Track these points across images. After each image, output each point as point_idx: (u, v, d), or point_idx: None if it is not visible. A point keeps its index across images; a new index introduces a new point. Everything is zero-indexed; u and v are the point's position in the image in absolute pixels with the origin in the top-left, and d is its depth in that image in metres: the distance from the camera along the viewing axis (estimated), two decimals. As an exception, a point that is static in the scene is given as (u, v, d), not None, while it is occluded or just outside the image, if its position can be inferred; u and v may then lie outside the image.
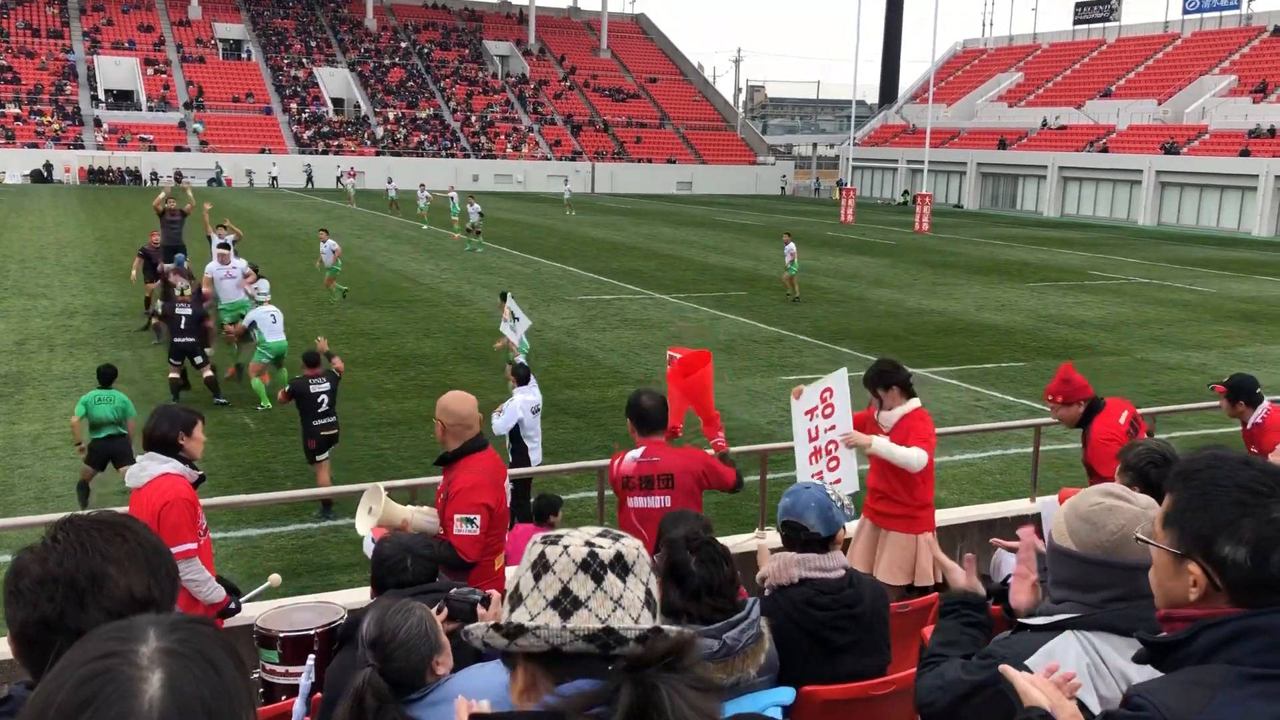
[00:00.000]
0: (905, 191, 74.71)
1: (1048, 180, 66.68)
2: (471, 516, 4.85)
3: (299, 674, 4.20)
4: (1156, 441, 6.06)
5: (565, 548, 1.70)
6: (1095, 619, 2.36)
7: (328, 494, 10.08)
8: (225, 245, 17.69)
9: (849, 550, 6.94)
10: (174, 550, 4.43)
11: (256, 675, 4.69)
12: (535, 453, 10.77)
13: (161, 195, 21.30)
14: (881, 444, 6.55)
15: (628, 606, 1.67)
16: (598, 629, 1.63)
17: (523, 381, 10.87)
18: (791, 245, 26.37)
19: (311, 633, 4.54)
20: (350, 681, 2.29)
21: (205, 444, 5.39)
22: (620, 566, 1.69)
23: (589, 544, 1.70)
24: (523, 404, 10.64)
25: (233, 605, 5.41)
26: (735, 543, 7.77)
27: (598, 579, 1.67)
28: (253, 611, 5.13)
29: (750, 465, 12.21)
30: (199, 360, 14.88)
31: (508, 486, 5.27)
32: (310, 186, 68.93)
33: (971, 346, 20.91)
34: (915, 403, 6.62)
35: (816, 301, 26.30)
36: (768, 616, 3.46)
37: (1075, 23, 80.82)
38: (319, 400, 11.19)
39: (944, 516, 8.36)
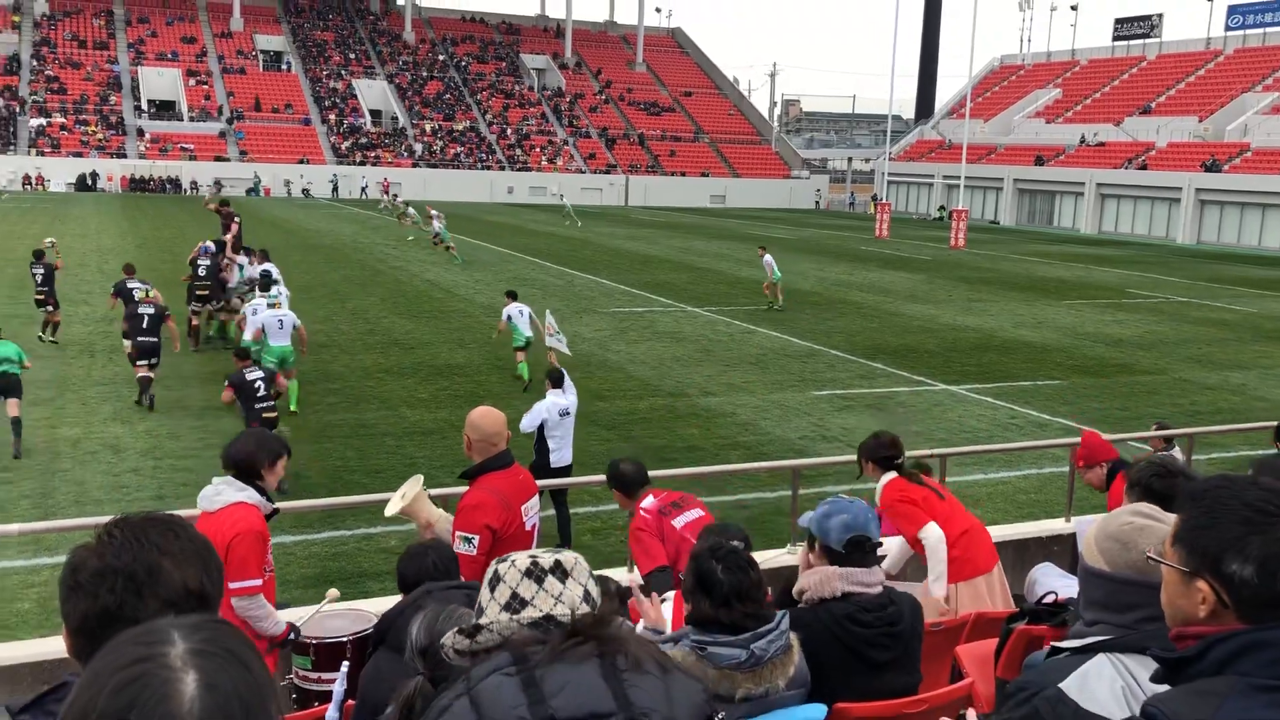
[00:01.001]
0: (941, 207, 74.32)
1: (1085, 197, 66.13)
2: (470, 536, 4.76)
3: (332, 680, 4.24)
4: (1160, 455, 6.00)
5: (513, 562, 2.06)
6: (1128, 640, 2.35)
7: (359, 501, 10.13)
8: (268, 274, 17.76)
9: None
10: (237, 586, 4.40)
11: (289, 680, 4.74)
12: (558, 453, 10.73)
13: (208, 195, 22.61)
14: (937, 591, 5.75)
15: (567, 602, 2.00)
16: (539, 617, 1.97)
17: (556, 384, 11.00)
18: (768, 257, 26.90)
19: (344, 640, 4.58)
20: (400, 689, 2.35)
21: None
22: (560, 571, 2.04)
23: (531, 556, 2.07)
24: (550, 405, 10.74)
25: (292, 635, 4.96)
26: (764, 558, 7.73)
27: (539, 581, 2.02)
28: (287, 618, 5.16)
29: (780, 481, 12.19)
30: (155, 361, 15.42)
31: (532, 506, 5.10)
32: (336, 196, 69.56)
33: (1007, 364, 20.75)
34: (887, 477, 5.94)
35: (850, 316, 26.21)
36: (804, 629, 3.45)
37: (1115, 39, 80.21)
38: (255, 386, 11.94)
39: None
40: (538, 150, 79.32)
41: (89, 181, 64.82)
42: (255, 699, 1.17)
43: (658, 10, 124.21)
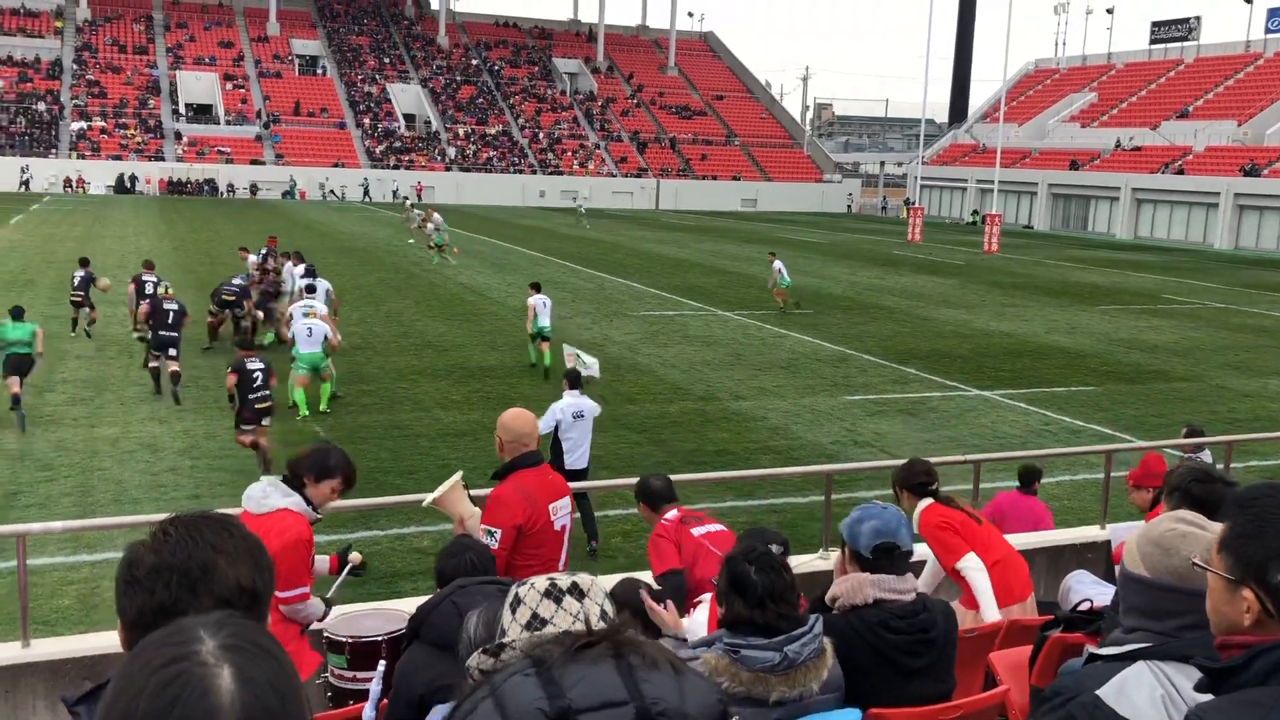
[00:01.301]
0: (974, 211, 73.84)
1: (1121, 202, 65.48)
2: (493, 530, 4.83)
3: (366, 679, 4.28)
4: (1198, 462, 5.93)
5: (531, 584, 2.19)
6: (1168, 648, 2.33)
7: (392, 502, 10.21)
8: (312, 284, 18.02)
9: None
10: (288, 595, 4.38)
11: (325, 679, 4.78)
12: (571, 455, 10.70)
13: None
14: (991, 618, 5.59)
15: (584, 620, 2.10)
16: (559, 632, 2.05)
17: (573, 385, 11.06)
18: (778, 263, 27.18)
19: (379, 639, 4.62)
20: (460, 687, 2.46)
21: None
22: (577, 591, 2.16)
23: (550, 578, 2.19)
24: (565, 406, 10.79)
25: (324, 615, 5.03)
26: (796, 563, 7.70)
27: (558, 601, 2.15)
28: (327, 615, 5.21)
29: (812, 485, 12.16)
30: (173, 352, 15.97)
31: (561, 506, 5.13)
32: (368, 200, 70.05)
33: (1040, 369, 20.59)
34: (924, 503, 5.82)
35: (882, 320, 26.10)
36: (837, 636, 3.45)
37: (1152, 42, 79.41)
38: (254, 376, 12.40)
39: (1010, 542, 8.23)
40: (569, 154, 79.55)
41: (127, 184, 65.67)
42: (288, 687, 1.22)
43: (690, 14, 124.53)
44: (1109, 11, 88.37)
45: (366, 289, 27.85)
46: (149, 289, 18.34)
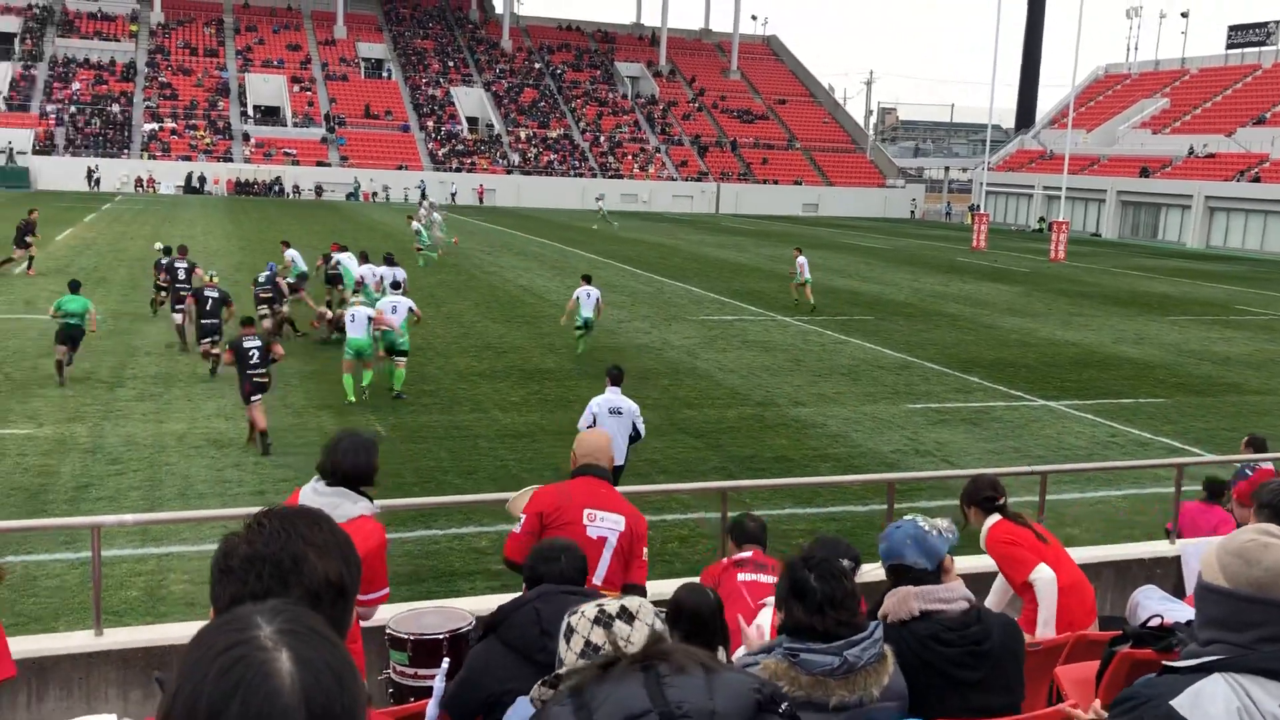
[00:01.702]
0: (1041, 218, 72.73)
1: (1193, 210, 64.07)
2: (519, 517, 5.18)
3: (428, 676, 4.32)
4: None
5: (582, 613, 2.28)
6: (1246, 660, 2.27)
7: (451, 502, 10.30)
8: (396, 281, 18.70)
9: None
10: (372, 597, 4.38)
11: (386, 675, 4.83)
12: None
13: None
14: (1045, 634, 5.50)
15: (636, 643, 2.16)
16: (611, 656, 2.08)
17: (614, 382, 11.22)
18: (802, 259, 27.84)
19: (440, 637, 4.65)
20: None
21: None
22: (625, 615, 2.24)
23: (598, 605, 2.29)
24: (602, 402, 10.96)
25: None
26: (858, 573, 7.63)
27: (608, 627, 2.23)
28: (385, 613, 5.27)
29: (872, 494, 12.05)
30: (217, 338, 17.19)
31: (600, 516, 5.11)
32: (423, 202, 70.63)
33: (1107, 380, 20.21)
34: (991, 520, 5.74)
35: (944, 328, 25.79)
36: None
37: (1228, 47, 77.64)
38: (250, 353, 13.30)
39: (1076, 555, 8.08)
40: (630, 158, 79.73)
41: (196, 184, 67.07)
42: (345, 669, 1.26)
43: (753, 18, 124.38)
44: (1183, 15, 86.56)
45: (427, 290, 28.13)
46: (181, 274, 19.93)
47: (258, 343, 13.54)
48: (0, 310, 22.32)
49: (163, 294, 21.23)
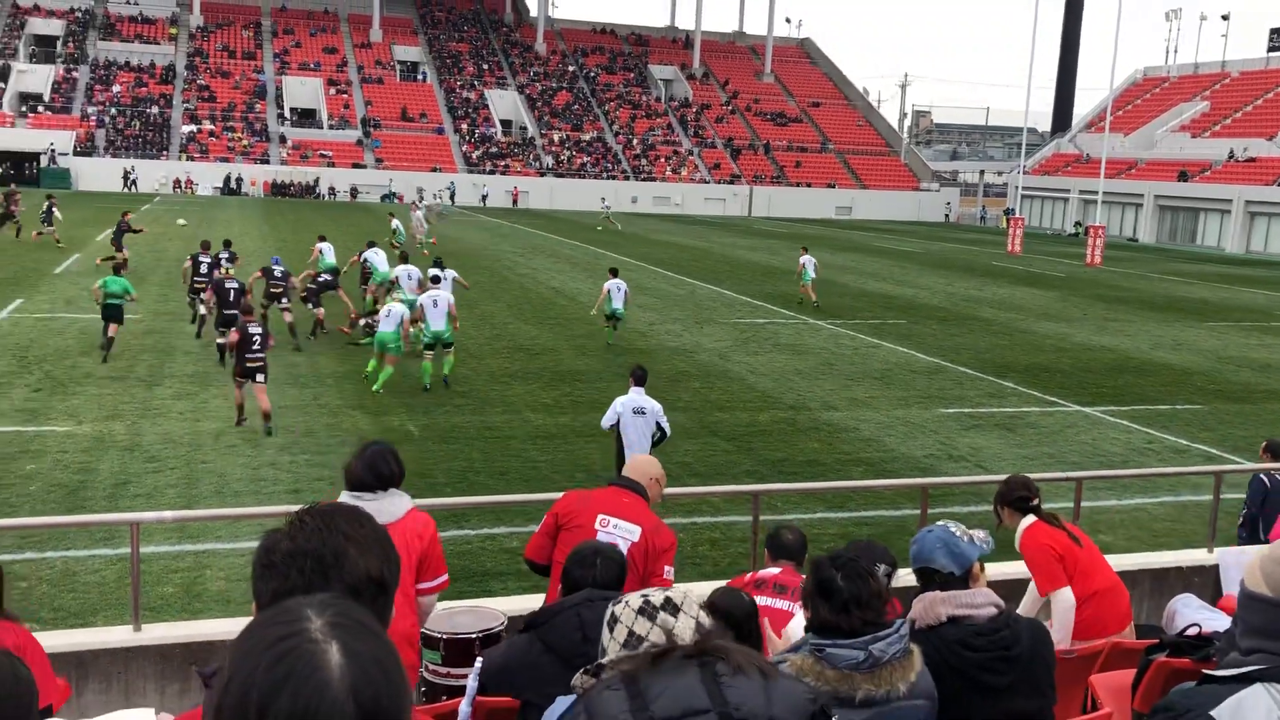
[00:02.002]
0: (1077, 223, 72.06)
1: (1232, 215, 63.25)
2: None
3: (460, 675, 4.35)
4: None
5: (626, 603, 2.25)
6: (1289, 669, 2.25)
7: (484, 502, 10.34)
8: (438, 276, 19.61)
9: None
10: (433, 584, 4.45)
11: (419, 674, 4.87)
12: (629, 452, 10.74)
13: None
14: (1060, 630, 5.51)
15: (680, 634, 2.13)
16: (655, 647, 2.09)
17: (638, 383, 11.24)
18: (806, 258, 28.64)
19: (473, 637, 4.68)
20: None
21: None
22: (670, 606, 2.20)
23: (643, 595, 2.25)
24: (626, 402, 11.01)
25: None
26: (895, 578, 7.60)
27: (652, 618, 2.18)
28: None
29: (905, 499, 11.99)
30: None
31: (615, 523, 5.10)
32: (453, 205, 71.02)
33: (1144, 386, 19.99)
34: (1026, 522, 5.74)
35: (978, 332, 25.62)
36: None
37: (1270, 49, 76.60)
38: (253, 337, 14.30)
39: (1112, 563, 8.01)
40: (662, 160, 79.75)
41: (234, 186, 67.78)
42: (390, 662, 1.29)
43: (787, 21, 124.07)
44: (1224, 18, 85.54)
45: (460, 292, 28.24)
46: (203, 268, 21.12)
47: (260, 330, 14.59)
48: (42, 310, 22.65)
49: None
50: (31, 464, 12.31)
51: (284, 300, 20.40)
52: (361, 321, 20.60)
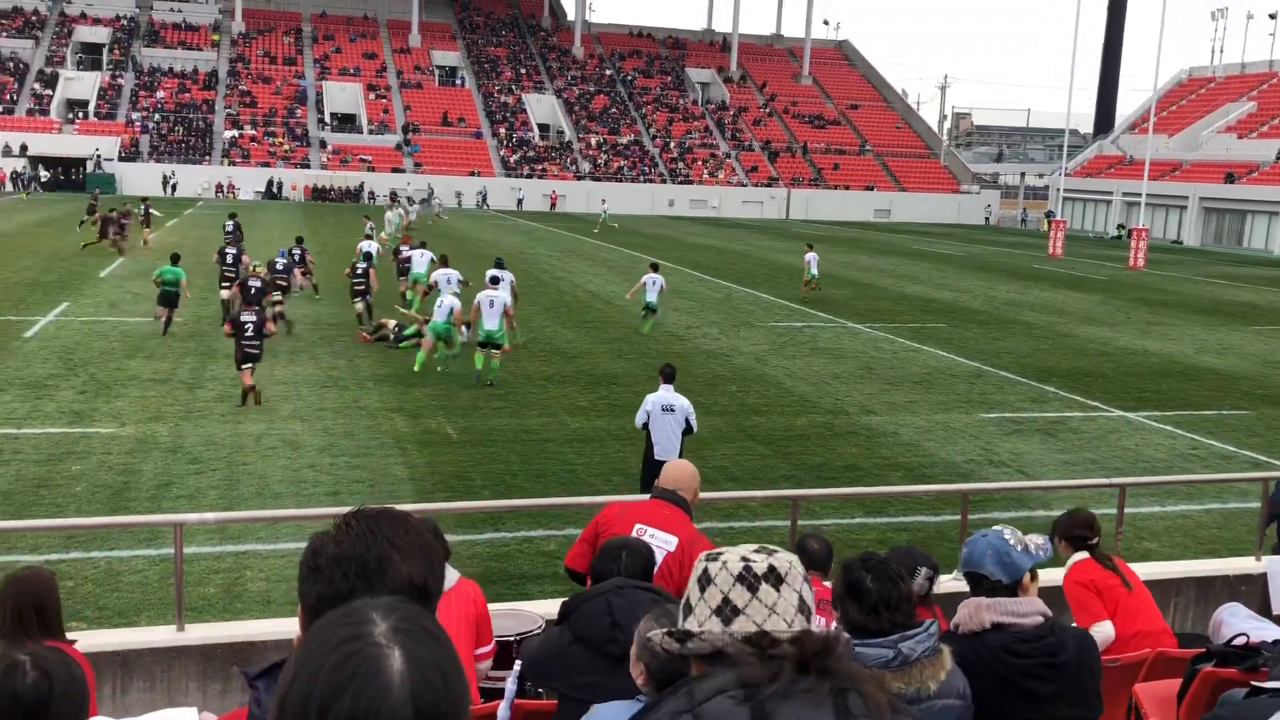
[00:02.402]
0: (1120, 225, 71.19)
1: (1280, 216, 62.24)
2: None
3: (499, 677, 4.36)
4: None
5: (724, 563, 1.95)
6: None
7: (521, 505, 10.37)
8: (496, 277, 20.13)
9: None
10: (485, 650, 4.41)
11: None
12: (658, 448, 11.05)
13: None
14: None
15: (782, 612, 1.89)
16: (753, 632, 1.85)
17: (667, 380, 11.40)
18: (810, 255, 30.80)
19: (511, 639, 4.69)
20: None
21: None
22: (774, 578, 1.92)
23: (744, 559, 1.95)
24: (655, 400, 11.17)
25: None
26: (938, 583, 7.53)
27: (753, 589, 1.90)
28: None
29: (945, 505, 11.88)
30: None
31: (652, 533, 5.09)
32: (485, 208, 71.36)
33: (1189, 391, 19.70)
34: (1077, 557, 5.72)
35: (1020, 336, 25.36)
36: (960, 661, 3.40)
37: (1317, 49, 75.32)
38: (246, 327, 15.72)
39: (1156, 570, 7.90)
40: (699, 163, 79.71)
41: (275, 190, 68.54)
42: (452, 668, 1.31)
43: (825, 23, 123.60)
44: (1271, 17, 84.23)
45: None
46: (229, 259, 23.12)
47: (254, 318, 15.96)
48: (87, 313, 23.01)
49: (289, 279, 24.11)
50: (77, 465, 12.50)
51: (282, 294, 21.70)
52: (391, 323, 20.97)
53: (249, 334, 15.72)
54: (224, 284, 22.41)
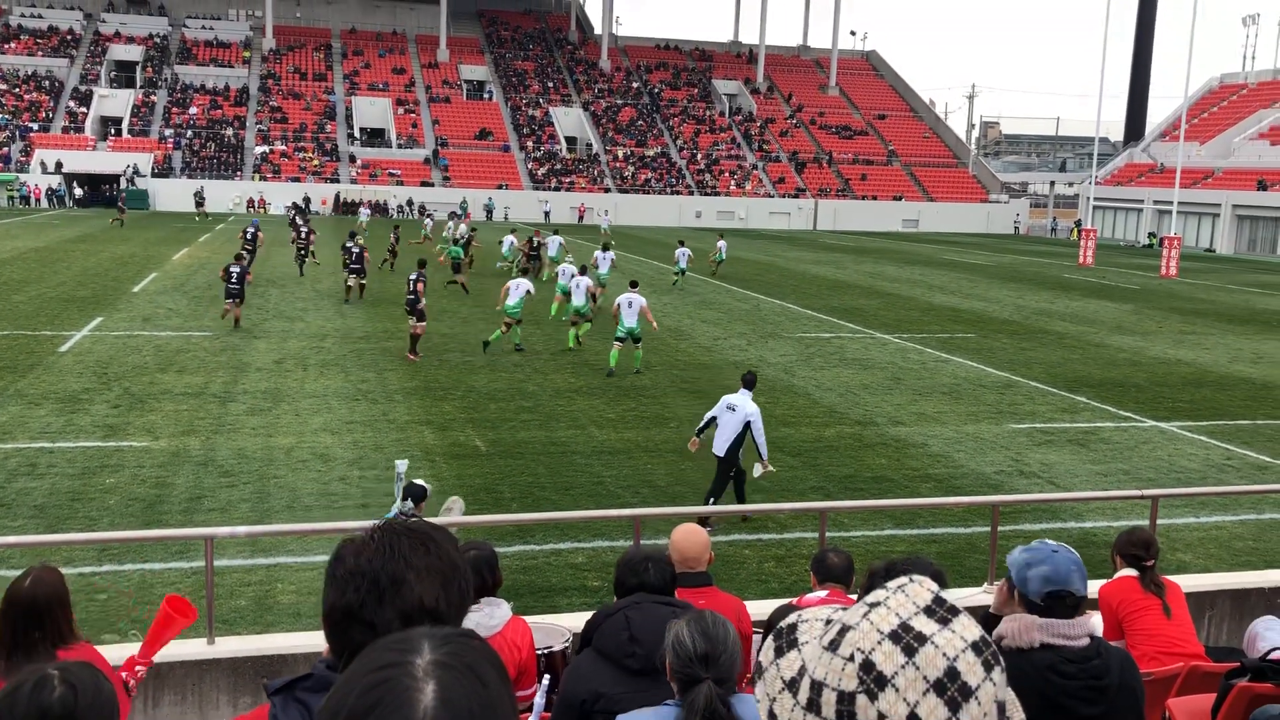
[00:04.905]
0: (1151, 234, 70.56)
1: (1315, 223, 61.45)
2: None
3: (529, 692, 4.36)
4: None
5: (872, 621, 1.35)
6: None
7: (549, 518, 10.38)
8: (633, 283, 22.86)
9: None
10: (527, 692, 4.25)
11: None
12: (715, 442, 11.71)
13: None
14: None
15: (966, 674, 1.28)
16: None
17: (747, 386, 11.97)
18: (722, 243, 36.28)
19: (538, 654, 4.69)
20: (691, 698, 2.82)
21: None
22: (965, 692, 1.28)
23: (899, 616, 1.33)
24: (726, 399, 11.91)
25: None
26: (958, 596, 7.48)
27: (910, 653, 1.28)
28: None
29: (975, 516, 11.80)
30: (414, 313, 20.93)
31: None
32: (506, 219, 71.60)
33: (1223, 401, 19.48)
34: (1124, 573, 5.75)
35: (1050, 346, 25.17)
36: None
37: (1351, 54, 74.41)
38: (231, 273, 22.71)
39: (1190, 582, 7.81)
40: (727, 175, 79.70)
41: (304, 205, 69.04)
42: (488, 715, 1.20)
43: (852, 33, 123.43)
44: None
45: (528, 308, 28.46)
46: (248, 235, 29.16)
47: (238, 269, 22.94)
48: (121, 327, 23.27)
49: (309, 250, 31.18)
50: (111, 478, 12.64)
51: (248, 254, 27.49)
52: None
53: (234, 279, 22.85)
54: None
